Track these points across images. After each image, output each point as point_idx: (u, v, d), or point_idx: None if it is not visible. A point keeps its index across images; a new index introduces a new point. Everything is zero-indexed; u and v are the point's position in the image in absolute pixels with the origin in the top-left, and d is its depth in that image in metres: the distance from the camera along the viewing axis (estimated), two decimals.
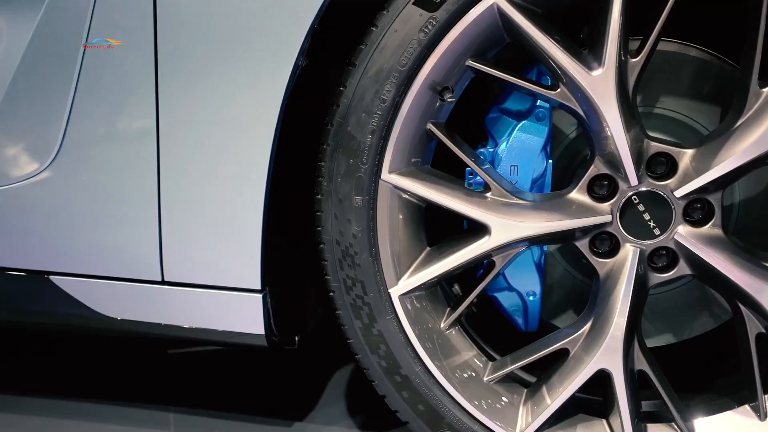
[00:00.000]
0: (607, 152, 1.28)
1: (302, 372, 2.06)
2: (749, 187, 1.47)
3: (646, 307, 1.42)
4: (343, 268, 1.38)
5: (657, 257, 1.34)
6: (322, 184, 1.36)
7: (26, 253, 1.56)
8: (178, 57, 1.36)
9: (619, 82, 1.23)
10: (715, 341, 1.56)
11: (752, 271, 1.28)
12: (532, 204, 1.35)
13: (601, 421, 1.43)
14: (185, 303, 1.51)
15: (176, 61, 1.36)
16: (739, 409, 1.39)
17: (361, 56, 1.29)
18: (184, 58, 1.35)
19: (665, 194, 1.30)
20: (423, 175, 1.36)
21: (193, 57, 1.35)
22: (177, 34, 1.35)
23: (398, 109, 1.29)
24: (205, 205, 1.42)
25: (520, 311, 1.51)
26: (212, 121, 1.37)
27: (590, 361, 1.34)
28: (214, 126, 1.37)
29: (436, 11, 1.23)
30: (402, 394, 1.41)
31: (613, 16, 1.21)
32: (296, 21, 1.28)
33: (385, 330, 1.39)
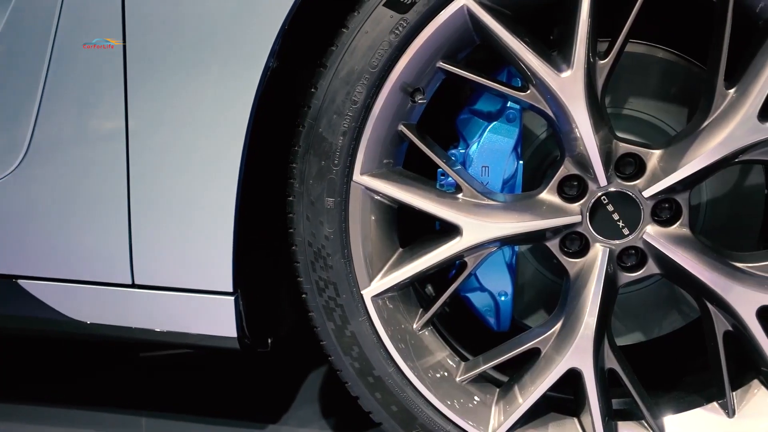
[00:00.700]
0: (577, 153, 1.30)
1: (276, 374, 2.05)
2: (716, 187, 1.49)
3: (616, 306, 1.44)
4: (315, 270, 1.38)
5: (626, 257, 1.35)
6: (294, 186, 1.35)
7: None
8: (147, 57, 1.35)
9: (588, 83, 1.24)
10: (684, 339, 1.58)
11: (719, 269, 1.30)
12: (503, 205, 1.36)
13: (573, 420, 1.44)
14: (156, 306, 1.49)
15: (145, 61, 1.35)
16: (708, 406, 1.41)
17: (332, 58, 1.29)
18: (153, 59, 1.34)
19: (634, 194, 1.31)
20: (395, 177, 1.36)
21: (163, 57, 1.34)
22: (146, 34, 1.34)
23: (369, 110, 1.29)
24: (176, 207, 1.41)
25: (492, 311, 1.51)
26: (182, 122, 1.36)
27: (561, 361, 1.35)
28: (185, 127, 1.36)
29: (407, 13, 1.24)
30: (375, 395, 1.41)
31: (582, 17, 1.22)
32: (266, 22, 1.28)
33: (358, 331, 1.39)
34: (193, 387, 2.00)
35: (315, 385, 1.95)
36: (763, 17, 1.23)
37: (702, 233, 1.47)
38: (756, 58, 1.22)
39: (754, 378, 1.39)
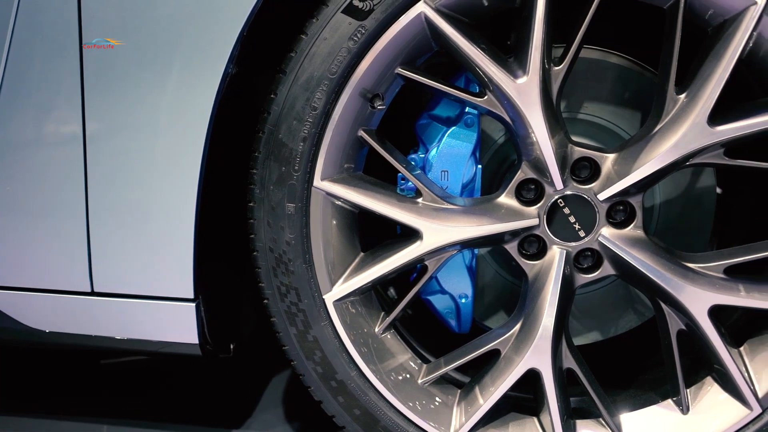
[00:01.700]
0: (534, 157, 1.32)
1: (239, 379, 2.04)
2: (669, 189, 1.53)
3: (574, 306, 1.47)
4: (276, 276, 1.38)
5: (582, 258, 1.38)
6: (255, 192, 1.35)
7: None
8: (105, 61, 1.34)
9: (543, 88, 1.27)
10: (640, 338, 1.62)
11: (672, 270, 1.33)
12: (463, 209, 1.38)
13: (533, 419, 1.46)
14: (117, 314, 1.48)
15: (102, 65, 1.34)
16: (663, 403, 1.44)
17: (291, 64, 1.29)
18: (111, 63, 1.33)
19: (589, 197, 1.34)
20: (355, 182, 1.37)
21: (120, 61, 1.33)
22: (104, 37, 1.33)
23: (329, 116, 1.30)
24: (135, 213, 1.40)
25: (453, 313, 1.53)
26: (141, 127, 1.35)
27: (520, 361, 1.37)
28: (143, 132, 1.36)
29: (365, 20, 1.25)
30: (338, 399, 1.42)
31: (536, 24, 1.24)
32: (225, 28, 1.28)
33: (320, 336, 1.39)
34: (154, 393, 1.98)
35: (278, 390, 1.95)
36: (712, 24, 1.27)
37: (655, 235, 1.51)
38: (705, 63, 1.25)
39: (707, 375, 1.43)
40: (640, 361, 1.63)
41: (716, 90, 1.23)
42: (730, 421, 1.37)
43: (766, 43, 1.23)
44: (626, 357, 1.67)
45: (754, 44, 1.23)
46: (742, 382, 1.35)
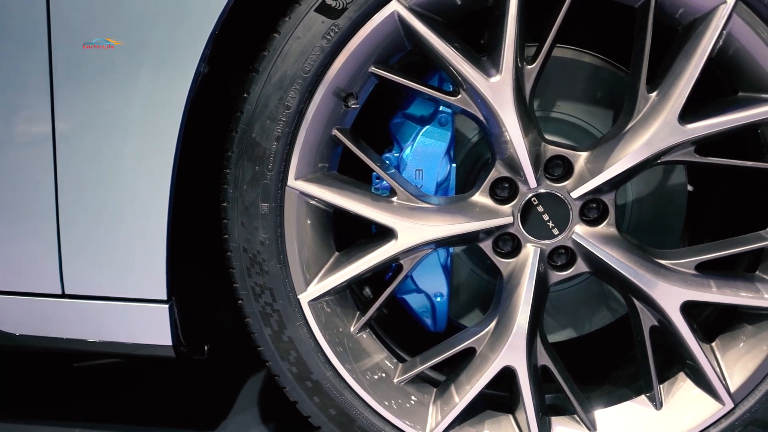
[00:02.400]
0: (507, 156, 1.32)
1: (214, 380, 2.03)
2: (641, 187, 1.54)
3: (548, 304, 1.48)
4: (251, 276, 1.37)
5: (556, 256, 1.39)
6: (228, 192, 1.34)
7: None
8: (74, 60, 1.32)
9: (517, 87, 1.27)
10: (613, 335, 1.63)
11: (645, 267, 1.34)
12: (437, 207, 1.38)
13: (508, 416, 1.47)
14: (88, 316, 1.46)
15: (72, 64, 1.32)
16: (637, 399, 1.45)
17: (264, 63, 1.28)
18: (81, 62, 1.32)
19: (562, 195, 1.35)
20: (330, 181, 1.37)
21: (90, 61, 1.31)
22: (73, 36, 1.31)
23: (303, 115, 1.29)
24: (107, 214, 1.38)
25: (429, 312, 1.53)
26: (112, 127, 1.34)
27: (496, 359, 1.37)
28: (114, 132, 1.34)
29: (338, 18, 1.24)
30: (313, 399, 1.42)
31: (509, 23, 1.24)
32: (197, 27, 1.27)
33: (295, 336, 1.39)
34: (128, 396, 1.96)
35: (254, 391, 1.94)
36: (682, 23, 1.28)
37: (628, 232, 1.52)
38: (675, 62, 1.27)
39: (680, 371, 1.44)
40: (613, 358, 1.65)
41: (687, 88, 1.25)
42: (703, 416, 1.39)
43: (736, 41, 1.24)
44: (600, 354, 1.68)
45: (723, 43, 1.24)
46: (714, 378, 1.36)
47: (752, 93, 1.29)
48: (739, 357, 1.39)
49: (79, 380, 2.06)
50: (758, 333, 1.37)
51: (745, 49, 1.25)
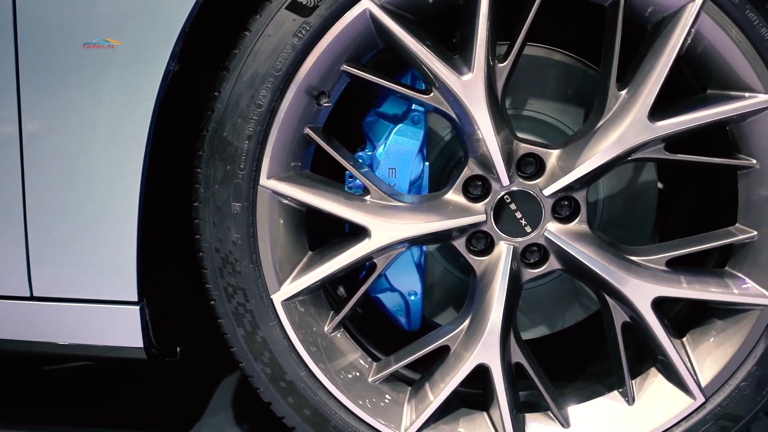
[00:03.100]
0: (480, 154, 1.33)
1: (187, 382, 2.01)
2: (612, 184, 1.55)
3: (521, 301, 1.48)
4: (223, 276, 1.36)
5: (529, 253, 1.40)
6: (199, 191, 1.33)
7: None
8: (42, 60, 1.30)
9: (488, 85, 1.28)
10: (586, 331, 1.64)
11: (616, 263, 1.35)
12: (411, 206, 1.38)
13: (482, 414, 1.47)
14: (58, 319, 1.44)
15: (39, 64, 1.30)
16: (610, 394, 1.46)
17: (235, 61, 1.27)
18: (48, 61, 1.30)
19: (535, 193, 1.35)
20: (302, 180, 1.36)
21: (58, 60, 1.29)
22: (39, 35, 1.29)
23: (275, 113, 1.28)
24: (76, 215, 1.36)
25: (403, 311, 1.53)
26: (80, 126, 1.32)
27: (470, 357, 1.38)
28: (83, 132, 1.32)
29: (309, 16, 1.24)
30: (287, 399, 1.41)
31: (480, 21, 1.25)
32: (166, 25, 1.25)
33: (268, 336, 1.38)
34: (99, 400, 1.94)
35: (227, 392, 1.92)
36: (651, 21, 1.29)
37: (600, 229, 1.53)
38: (645, 60, 1.28)
39: (652, 366, 1.45)
40: (586, 354, 1.66)
41: (656, 86, 1.26)
42: (675, 410, 1.40)
43: (704, 39, 1.26)
44: (573, 350, 1.70)
45: (692, 41, 1.26)
46: (685, 373, 1.38)
47: (721, 90, 1.30)
48: (709, 352, 1.40)
49: (48, 384, 2.02)
50: (728, 328, 1.39)
51: (713, 47, 1.26)
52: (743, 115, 1.27)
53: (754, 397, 1.37)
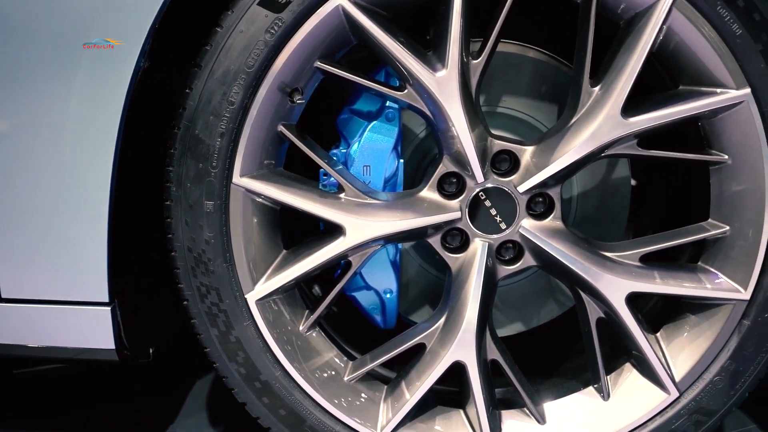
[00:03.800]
0: (454, 151, 1.32)
1: (161, 384, 1.99)
2: (586, 181, 1.56)
3: (497, 298, 1.48)
4: (196, 276, 1.34)
5: (504, 250, 1.40)
6: (171, 190, 1.31)
7: None
8: (7, 56, 1.27)
9: (462, 82, 1.27)
10: (561, 327, 1.65)
11: (590, 260, 1.36)
12: (385, 203, 1.37)
13: (459, 412, 1.47)
14: (28, 320, 1.42)
15: (5, 60, 1.27)
16: (585, 390, 1.47)
17: (206, 57, 1.26)
18: (11, 58, 1.27)
19: (509, 190, 1.35)
20: (276, 178, 1.35)
21: (26, 57, 1.27)
22: (4, 31, 1.26)
23: (247, 111, 1.27)
24: (44, 214, 1.34)
25: (378, 309, 1.53)
26: (48, 125, 1.30)
27: (446, 354, 1.37)
28: (51, 130, 1.30)
29: (282, 12, 1.23)
30: (262, 399, 1.40)
31: (454, 18, 1.24)
32: (136, 21, 1.23)
33: (242, 336, 1.37)
34: (70, 401, 1.91)
35: (202, 393, 1.90)
36: (624, 18, 1.30)
37: (574, 225, 1.53)
38: (618, 57, 1.28)
39: (626, 361, 1.46)
40: (561, 351, 1.67)
41: (629, 82, 1.26)
42: (650, 405, 1.41)
43: (676, 36, 1.26)
44: (548, 347, 1.70)
45: (664, 37, 1.26)
46: (659, 367, 1.38)
47: (692, 86, 1.31)
48: (683, 347, 1.41)
49: (18, 388, 1.99)
50: (701, 323, 1.40)
51: (685, 44, 1.27)
52: (715, 110, 1.28)
53: (728, 392, 1.38)
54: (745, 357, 1.36)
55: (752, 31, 1.23)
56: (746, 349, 1.36)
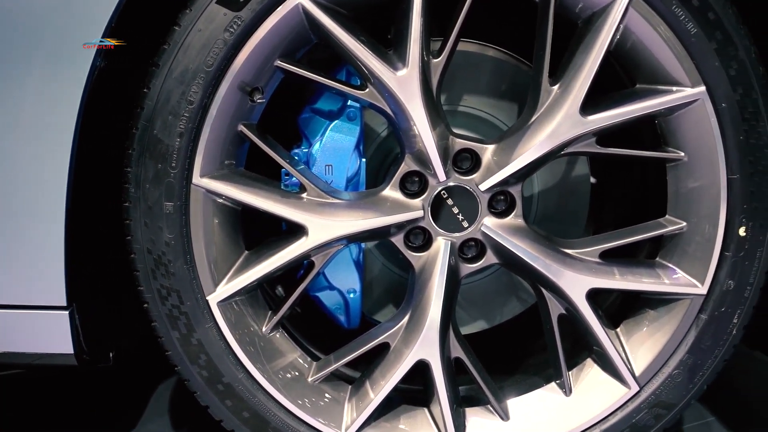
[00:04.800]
0: (416, 150, 1.32)
1: (123, 388, 1.96)
2: (546, 178, 1.57)
3: (460, 296, 1.49)
4: (156, 278, 1.32)
5: (467, 248, 1.40)
6: (130, 191, 1.30)
7: None
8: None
9: (423, 81, 1.28)
10: (524, 324, 1.66)
11: (551, 257, 1.37)
12: (348, 203, 1.37)
13: (423, 410, 1.47)
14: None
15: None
16: (547, 386, 1.48)
17: (164, 56, 1.24)
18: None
19: (471, 188, 1.36)
20: (237, 178, 1.34)
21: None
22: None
23: (207, 110, 1.26)
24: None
25: (342, 309, 1.52)
26: (3, 125, 1.27)
27: (410, 353, 1.37)
28: (5, 130, 1.27)
29: (241, 11, 1.21)
30: (226, 402, 1.38)
31: (414, 17, 1.25)
32: (91, 19, 1.21)
33: (204, 339, 1.35)
34: (29, 406, 1.87)
35: (164, 397, 1.88)
36: (582, 17, 1.31)
37: (535, 223, 1.55)
38: (576, 56, 1.30)
39: (588, 357, 1.48)
40: (524, 347, 1.68)
41: (587, 81, 1.28)
42: (611, 400, 1.43)
43: (633, 35, 1.28)
44: (512, 344, 1.71)
45: (621, 37, 1.28)
46: (620, 362, 1.40)
47: (649, 85, 1.33)
48: (642, 341, 1.43)
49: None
50: (660, 317, 1.42)
51: (641, 43, 1.28)
52: (671, 108, 1.30)
53: (687, 385, 1.41)
54: (703, 351, 1.39)
55: (707, 30, 1.25)
56: (704, 342, 1.38)
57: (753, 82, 1.28)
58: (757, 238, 1.33)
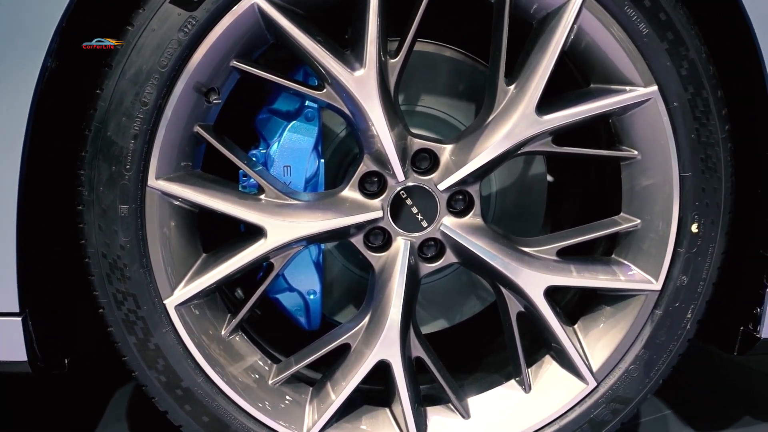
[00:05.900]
0: (375, 150, 1.32)
1: (79, 395, 1.92)
2: (504, 178, 1.59)
3: (420, 295, 1.49)
4: (111, 282, 1.30)
5: (426, 248, 1.41)
6: (83, 194, 1.27)
7: None
8: None
9: (381, 81, 1.28)
10: (483, 323, 1.67)
11: (509, 255, 1.38)
12: (307, 204, 1.36)
13: (385, 410, 1.48)
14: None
15: None
16: (507, 384, 1.50)
17: (118, 57, 1.22)
18: None
19: (430, 188, 1.36)
20: (193, 180, 1.32)
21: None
22: None
23: (162, 111, 1.24)
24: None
25: (302, 310, 1.51)
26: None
27: (370, 354, 1.37)
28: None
29: (195, 10, 1.20)
30: (185, 407, 1.36)
31: (371, 17, 1.25)
32: (41, 19, 1.19)
33: (162, 343, 1.33)
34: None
35: (122, 403, 1.85)
36: (536, 17, 1.33)
37: (493, 222, 1.56)
38: (531, 56, 1.31)
39: (546, 354, 1.50)
40: (484, 346, 1.69)
41: (542, 81, 1.29)
42: (570, 395, 1.44)
43: (586, 36, 1.30)
44: (472, 342, 1.72)
45: (575, 37, 1.30)
46: (577, 358, 1.42)
47: (603, 84, 1.35)
48: (599, 337, 1.45)
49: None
50: (616, 313, 1.44)
51: (595, 43, 1.30)
52: (625, 108, 1.32)
53: (643, 380, 1.43)
54: (658, 346, 1.41)
55: (658, 31, 1.28)
56: (659, 338, 1.41)
57: (703, 81, 1.30)
58: (709, 234, 1.36)
